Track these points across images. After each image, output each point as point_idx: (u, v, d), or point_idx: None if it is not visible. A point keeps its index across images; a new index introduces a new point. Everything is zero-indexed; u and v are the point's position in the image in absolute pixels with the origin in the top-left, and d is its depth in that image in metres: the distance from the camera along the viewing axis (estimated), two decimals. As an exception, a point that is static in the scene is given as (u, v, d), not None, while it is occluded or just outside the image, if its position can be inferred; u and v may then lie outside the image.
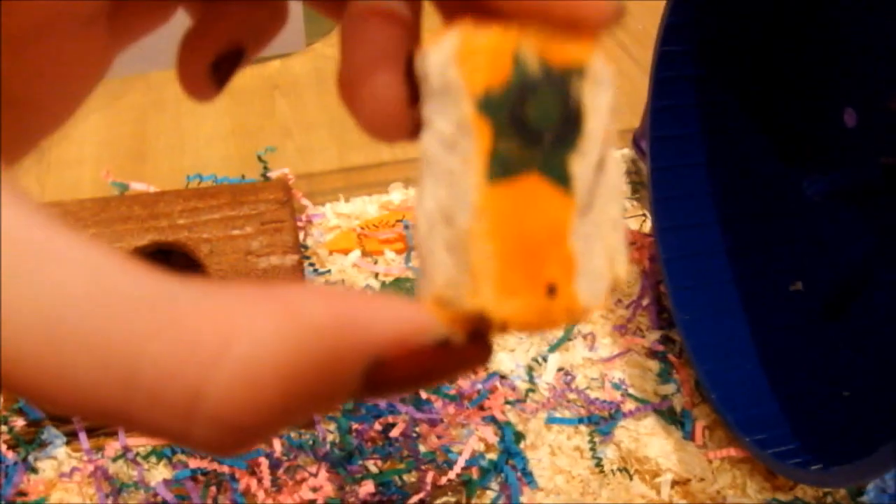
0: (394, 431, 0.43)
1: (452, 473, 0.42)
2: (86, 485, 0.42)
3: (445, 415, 0.44)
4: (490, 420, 0.45)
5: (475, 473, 0.43)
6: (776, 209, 0.48)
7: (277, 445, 0.42)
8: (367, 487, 0.41)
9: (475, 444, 0.43)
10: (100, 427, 0.43)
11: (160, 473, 0.42)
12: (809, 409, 0.43)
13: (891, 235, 0.43)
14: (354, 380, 0.13)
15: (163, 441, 0.39)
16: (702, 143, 0.48)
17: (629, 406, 0.47)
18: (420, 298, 0.14)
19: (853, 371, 0.44)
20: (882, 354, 0.43)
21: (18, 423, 0.43)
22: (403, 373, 0.13)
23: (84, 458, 0.43)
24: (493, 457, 0.44)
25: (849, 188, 0.42)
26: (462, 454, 0.42)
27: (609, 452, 0.45)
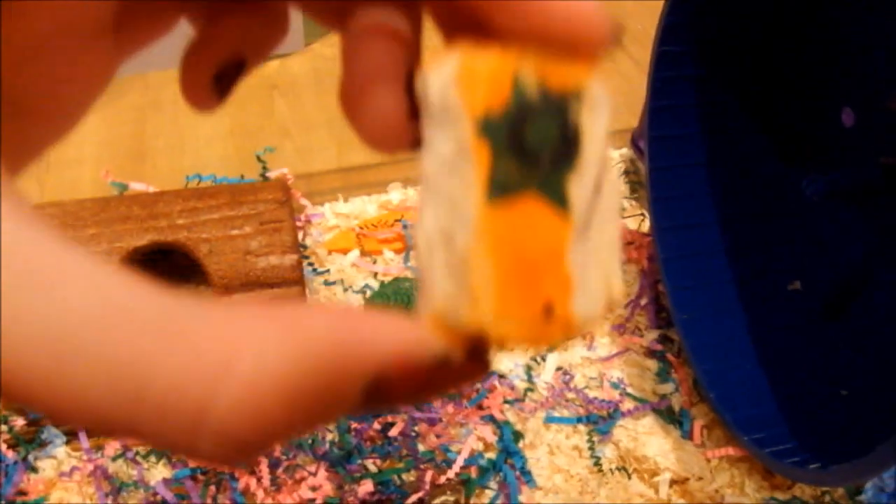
0: (393, 431, 0.43)
1: (451, 472, 0.42)
2: (85, 484, 0.42)
3: (444, 414, 0.44)
4: (489, 419, 0.45)
5: (474, 472, 0.43)
6: (775, 209, 0.48)
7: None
8: (366, 486, 0.41)
9: (474, 444, 0.43)
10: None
11: (160, 472, 0.43)
12: (808, 409, 0.43)
13: (890, 235, 0.43)
14: (355, 394, 0.13)
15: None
16: (700, 143, 0.48)
17: (628, 405, 0.47)
18: (420, 316, 0.15)
19: (851, 370, 0.44)
20: (880, 354, 0.43)
21: (18, 423, 0.43)
22: (403, 388, 0.14)
23: (84, 458, 0.43)
24: (492, 456, 0.44)
25: (848, 188, 0.42)
26: (461, 453, 0.42)
27: (607, 451, 0.45)
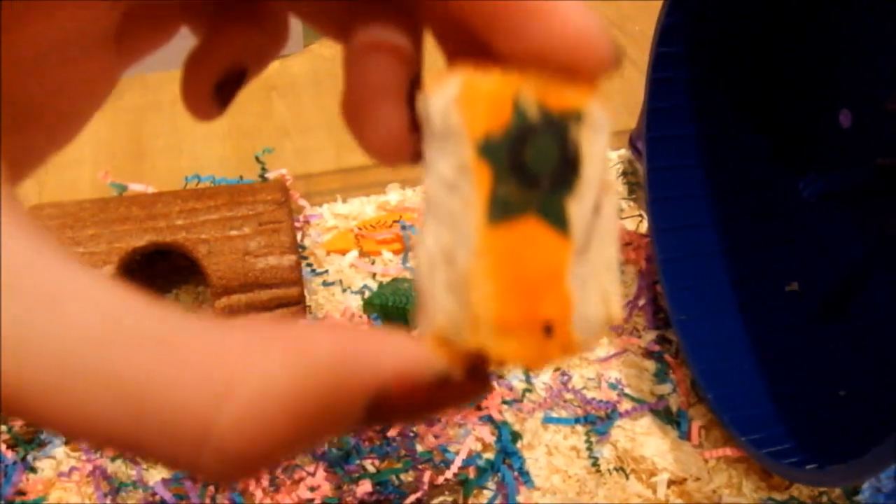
0: (391, 431, 0.43)
1: (449, 473, 0.42)
2: (84, 484, 0.42)
3: (442, 414, 0.44)
4: (487, 420, 0.45)
5: (472, 473, 0.43)
6: (772, 210, 0.49)
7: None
8: (365, 487, 0.41)
9: (472, 444, 0.43)
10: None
11: (158, 473, 0.43)
12: (805, 409, 0.43)
13: (887, 236, 0.43)
14: (357, 412, 0.14)
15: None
16: (698, 144, 0.48)
17: (626, 406, 0.47)
18: (421, 335, 0.15)
19: (849, 371, 0.44)
20: (878, 354, 0.43)
21: (18, 423, 0.43)
22: (405, 405, 0.14)
23: (83, 458, 0.43)
24: (490, 456, 0.44)
25: (845, 189, 0.42)
26: (459, 454, 0.43)
27: (605, 452, 0.45)
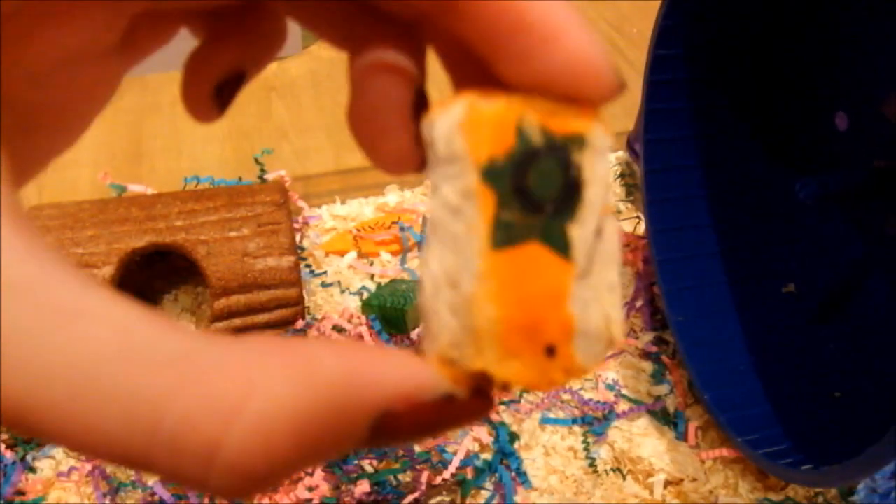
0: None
1: (447, 473, 0.42)
2: (83, 484, 0.42)
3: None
4: (485, 420, 0.45)
5: (470, 473, 0.43)
6: (769, 211, 0.49)
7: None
8: (363, 487, 0.41)
9: (470, 445, 0.44)
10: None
11: (157, 473, 0.43)
12: (801, 410, 0.43)
13: (882, 238, 0.43)
14: (362, 431, 0.14)
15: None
16: (695, 146, 0.48)
17: (623, 407, 0.47)
18: (425, 356, 0.15)
19: (845, 372, 0.44)
20: (873, 356, 0.43)
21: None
22: (409, 425, 0.14)
23: (82, 458, 0.43)
24: (488, 457, 0.44)
25: (841, 191, 0.43)
26: (457, 454, 0.43)
27: (602, 453, 0.45)
